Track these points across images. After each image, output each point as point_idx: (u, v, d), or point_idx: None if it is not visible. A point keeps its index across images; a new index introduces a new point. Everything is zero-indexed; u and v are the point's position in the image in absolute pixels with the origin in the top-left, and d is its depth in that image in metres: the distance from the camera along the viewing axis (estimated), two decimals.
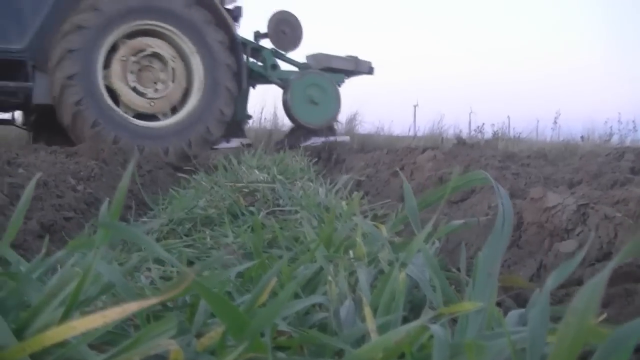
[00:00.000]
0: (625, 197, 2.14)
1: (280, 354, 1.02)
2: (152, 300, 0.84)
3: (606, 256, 1.91)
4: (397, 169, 4.01)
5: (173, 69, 7.57)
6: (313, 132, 9.38)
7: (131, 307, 0.78)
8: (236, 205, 3.16)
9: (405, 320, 1.05)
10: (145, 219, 3.26)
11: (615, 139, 14.38)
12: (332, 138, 9.20)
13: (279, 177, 4.00)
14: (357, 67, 10.02)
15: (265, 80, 9.41)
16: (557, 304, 1.64)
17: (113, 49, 7.33)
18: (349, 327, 1.06)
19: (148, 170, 5.05)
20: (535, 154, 6.61)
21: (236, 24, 8.58)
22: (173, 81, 7.58)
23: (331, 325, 1.11)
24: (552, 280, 0.85)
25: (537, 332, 0.74)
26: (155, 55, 7.52)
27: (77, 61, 6.93)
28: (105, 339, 0.98)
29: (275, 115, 12.40)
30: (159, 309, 1.18)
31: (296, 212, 2.90)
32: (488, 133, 14.81)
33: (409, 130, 15.27)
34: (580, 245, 1.99)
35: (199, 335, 1.00)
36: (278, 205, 3.23)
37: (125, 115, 7.26)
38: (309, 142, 9.05)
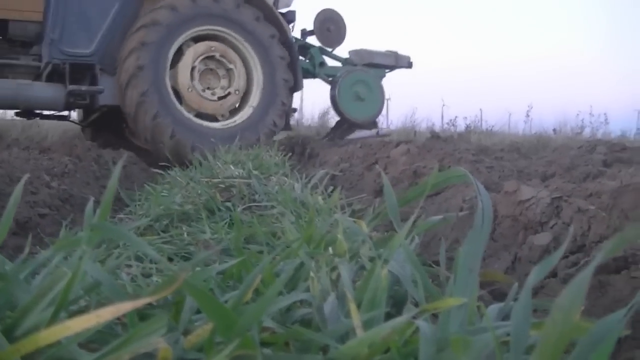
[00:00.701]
0: (598, 190, 2.18)
1: (266, 350, 1.03)
2: (146, 300, 0.84)
3: (580, 248, 1.95)
4: (374, 163, 4.03)
5: (229, 93, 7.86)
6: (358, 125, 9.72)
7: (125, 307, 0.79)
8: (213, 201, 3.16)
9: (388, 316, 1.07)
10: (121, 216, 3.25)
11: (587, 131, 14.63)
12: (374, 130, 9.68)
13: (255, 172, 3.99)
14: (397, 62, 10.36)
15: (311, 75, 9.70)
16: (533, 296, 1.67)
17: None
18: (333, 323, 1.08)
19: (122, 166, 5.02)
20: (508, 147, 6.68)
21: (290, 26, 8.86)
22: (220, 98, 7.84)
23: (315, 321, 1.12)
24: (533, 276, 0.87)
25: (521, 327, 0.76)
26: (223, 64, 7.84)
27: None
28: (93, 338, 0.99)
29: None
30: (142, 307, 1.18)
31: (272, 207, 2.90)
32: (461, 126, 15.02)
33: (382, 124, 15.44)
34: (554, 238, 2.02)
35: (186, 333, 1.01)
36: (254, 201, 3.22)
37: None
38: (354, 135, 9.50)
